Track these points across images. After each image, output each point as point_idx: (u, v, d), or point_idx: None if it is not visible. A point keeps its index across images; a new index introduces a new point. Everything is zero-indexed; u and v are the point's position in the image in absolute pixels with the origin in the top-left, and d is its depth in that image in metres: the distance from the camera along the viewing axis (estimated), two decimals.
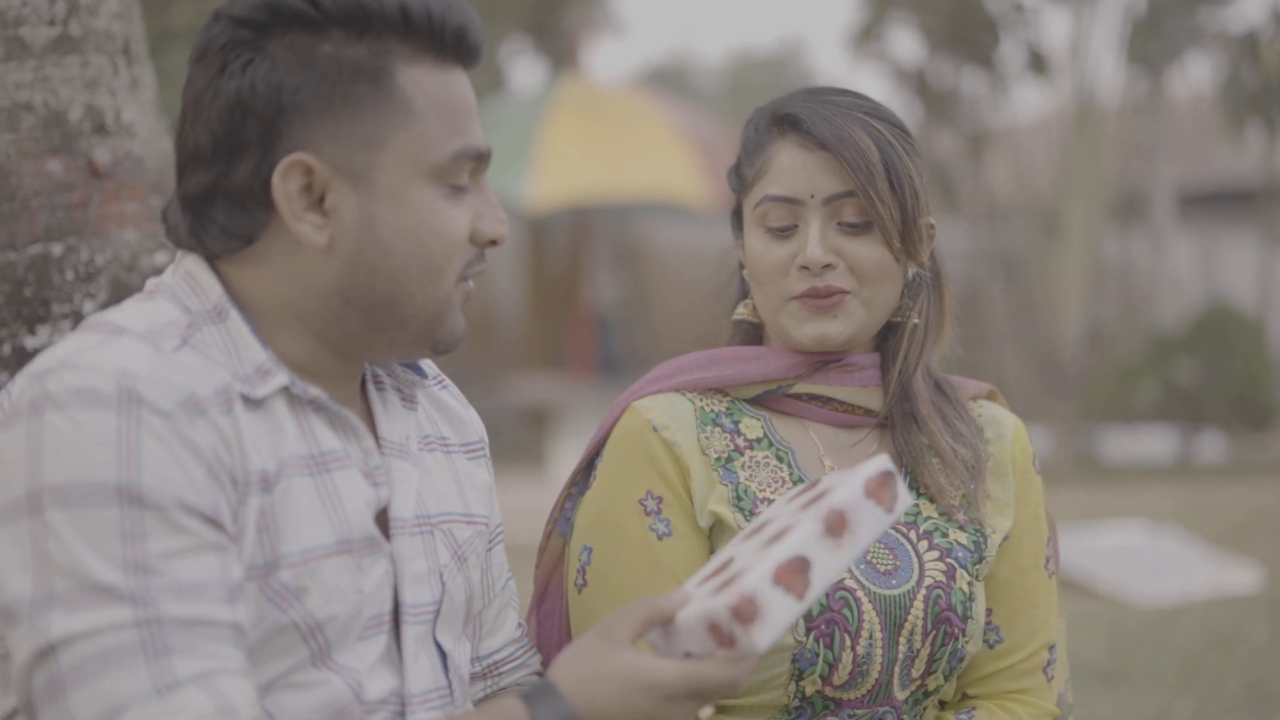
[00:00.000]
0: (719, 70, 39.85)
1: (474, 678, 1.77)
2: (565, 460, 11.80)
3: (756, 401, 1.92)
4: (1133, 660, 5.97)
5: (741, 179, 1.93)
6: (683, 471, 1.86)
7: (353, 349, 1.55)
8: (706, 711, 1.49)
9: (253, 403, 1.47)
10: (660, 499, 1.85)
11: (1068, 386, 13.04)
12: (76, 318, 2.03)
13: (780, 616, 1.43)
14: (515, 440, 13.49)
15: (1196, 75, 15.34)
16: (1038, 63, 13.63)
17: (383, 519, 1.56)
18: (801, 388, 1.91)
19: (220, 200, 1.48)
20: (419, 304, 1.52)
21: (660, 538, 1.85)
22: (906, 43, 15.40)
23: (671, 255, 15.45)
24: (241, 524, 1.42)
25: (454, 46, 1.51)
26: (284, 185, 1.46)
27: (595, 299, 14.68)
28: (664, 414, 1.88)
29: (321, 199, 1.47)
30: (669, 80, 32.69)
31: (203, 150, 1.47)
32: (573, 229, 14.29)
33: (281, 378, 1.49)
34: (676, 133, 12.10)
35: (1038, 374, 13.47)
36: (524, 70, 20.63)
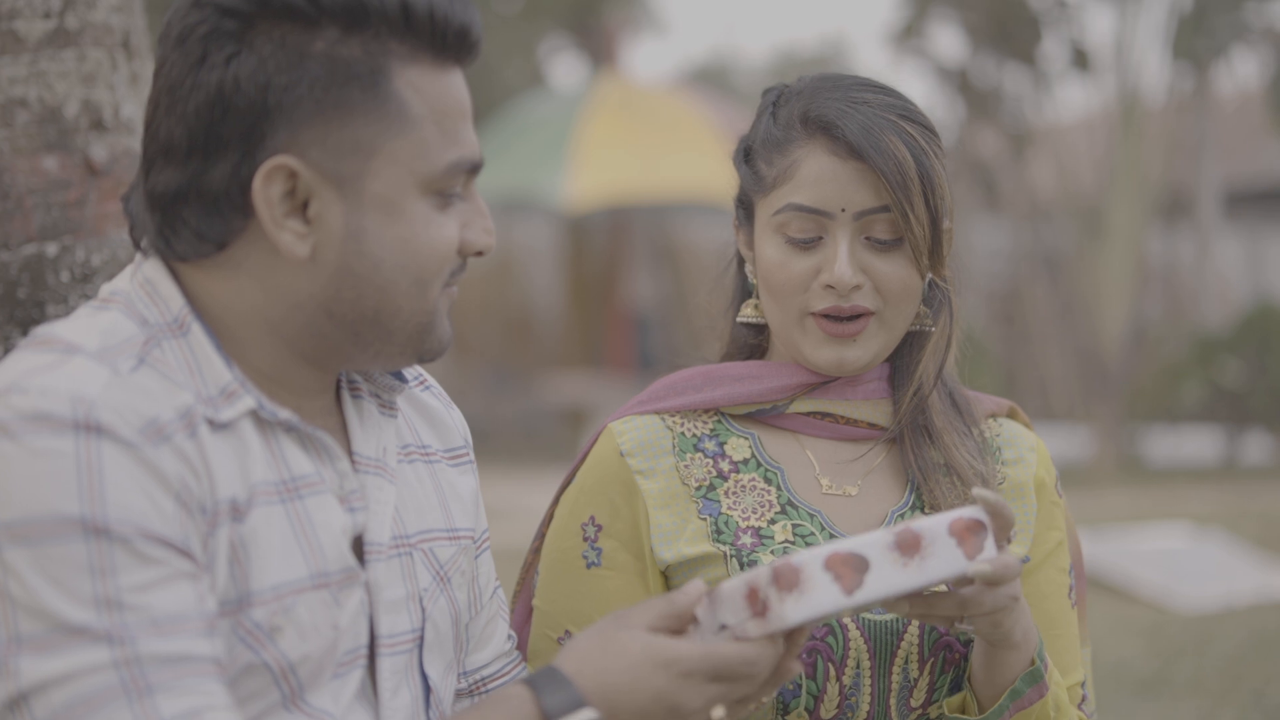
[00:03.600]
0: (762, 69, 39.69)
1: (460, 694, 1.66)
2: None
3: (748, 418, 1.81)
4: (1174, 667, 5.87)
5: (758, 176, 1.79)
6: (635, 505, 1.76)
7: (331, 360, 1.46)
8: (719, 712, 1.41)
9: (218, 425, 1.37)
10: (600, 527, 1.77)
11: (1111, 387, 12.90)
12: None
13: (820, 598, 1.38)
14: (552, 439, 13.44)
15: (1243, 72, 15.15)
16: (1082, 60, 13.49)
17: (357, 543, 1.46)
18: (799, 405, 1.80)
19: (193, 201, 1.38)
20: (405, 317, 1.42)
21: (589, 566, 1.77)
22: (948, 40, 15.28)
23: (710, 254, 15.32)
24: (212, 555, 1.34)
25: (455, 46, 1.41)
26: (265, 190, 1.36)
27: (633, 298, 14.62)
28: (636, 440, 1.78)
29: (305, 206, 1.38)
30: (711, 79, 32.56)
31: (176, 145, 1.37)
32: (611, 228, 14.24)
33: (248, 400, 1.39)
34: (715, 131, 12.04)
35: (1081, 374, 13.34)
36: (563, 68, 20.60)
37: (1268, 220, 17.93)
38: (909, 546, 1.43)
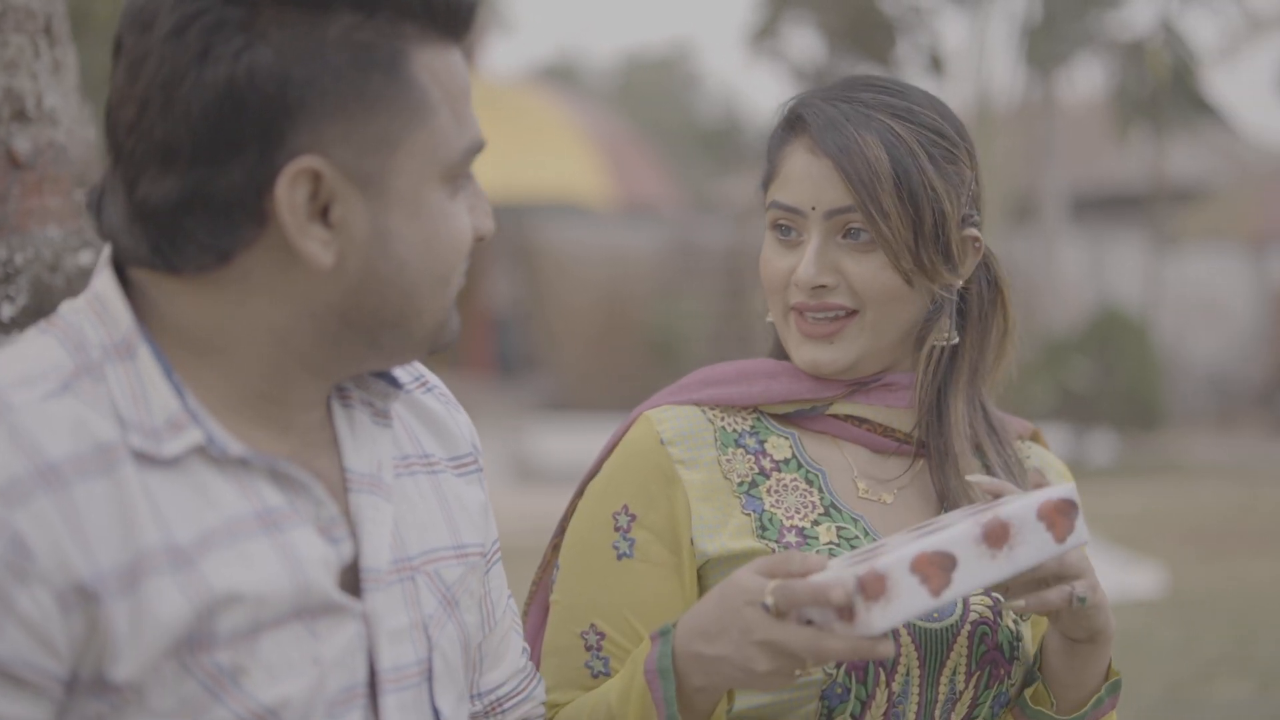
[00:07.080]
0: (608, 70, 39.84)
1: (475, 717, 1.56)
2: None
3: (786, 418, 1.77)
4: None
5: (764, 176, 1.78)
6: (675, 495, 1.70)
7: (339, 368, 1.34)
8: (807, 667, 1.44)
9: (158, 461, 1.24)
10: (634, 516, 1.70)
11: None
12: None
13: (907, 604, 1.37)
14: None
15: (1088, 80, 15.52)
16: (936, 64, 13.72)
17: (351, 571, 1.34)
18: (838, 408, 1.76)
19: (199, 211, 1.24)
20: (426, 317, 1.32)
21: (620, 557, 1.70)
22: (804, 42, 15.44)
23: (568, 255, 15.31)
24: (120, 619, 1.19)
25: (464, 23, 1.32)
26: (290, 195, 1.23)
27: (492, 299, 14.52)
28: (677, 429, 1.73)
29: (325, 210, 1.26)
30: (559, 78, 32.53)
31: (177, 149, 1.23)
32: None
33: (196, 434, 1.25)
34: (576, 131, 12.01)
35: None
36: None
37: (1110, 225, 18.41)
38: (997, 537, 1.42)
